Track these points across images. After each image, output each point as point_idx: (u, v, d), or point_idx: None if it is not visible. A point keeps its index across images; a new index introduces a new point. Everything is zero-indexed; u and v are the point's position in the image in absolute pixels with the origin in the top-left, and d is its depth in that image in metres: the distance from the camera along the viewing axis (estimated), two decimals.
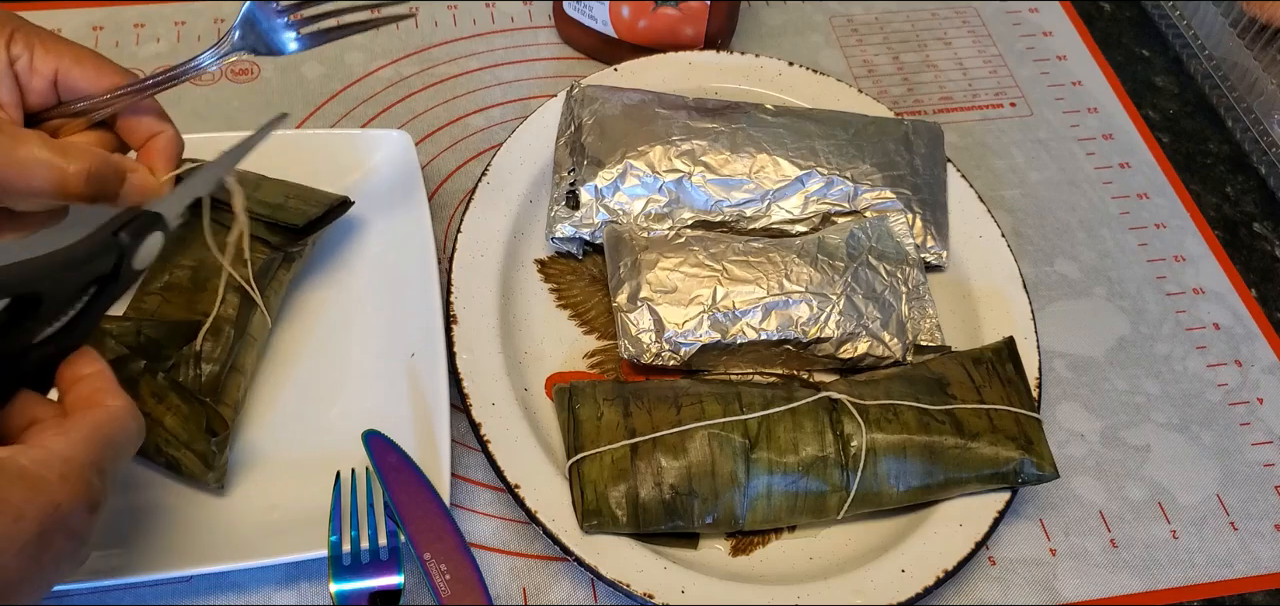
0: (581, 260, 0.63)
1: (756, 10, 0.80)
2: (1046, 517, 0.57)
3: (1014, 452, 0.54)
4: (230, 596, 0.51)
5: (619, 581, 0.49)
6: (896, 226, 0.62)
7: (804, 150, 0.64)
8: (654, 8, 0.71)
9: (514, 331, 0.59)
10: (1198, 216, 0.72)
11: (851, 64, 0.78)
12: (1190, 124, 0.78)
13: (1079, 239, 0.70)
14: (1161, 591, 0.55)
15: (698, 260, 0.59)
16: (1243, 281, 0.69)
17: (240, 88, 0.71)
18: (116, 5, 0.75)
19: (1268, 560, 0.57)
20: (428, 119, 0.71)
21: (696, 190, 0.62)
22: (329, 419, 0.55)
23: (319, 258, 0.61)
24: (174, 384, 0.51)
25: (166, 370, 0.52)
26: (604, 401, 0.54)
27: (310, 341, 0.58)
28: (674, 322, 0.58)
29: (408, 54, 0.74)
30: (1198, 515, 0.58)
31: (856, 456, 0.53)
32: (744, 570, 0.53)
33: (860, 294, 0.59)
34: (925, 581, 0.51)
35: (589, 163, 0.62)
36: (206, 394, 0.52)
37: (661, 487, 0.51)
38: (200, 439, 0.50)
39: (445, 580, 0.48)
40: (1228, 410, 0.62)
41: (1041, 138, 0.75)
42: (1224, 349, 0.65)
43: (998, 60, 0.80)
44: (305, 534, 0.50)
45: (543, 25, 0.77)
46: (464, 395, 0.54)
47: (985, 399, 0.55)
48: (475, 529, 0.54)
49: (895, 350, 0.59)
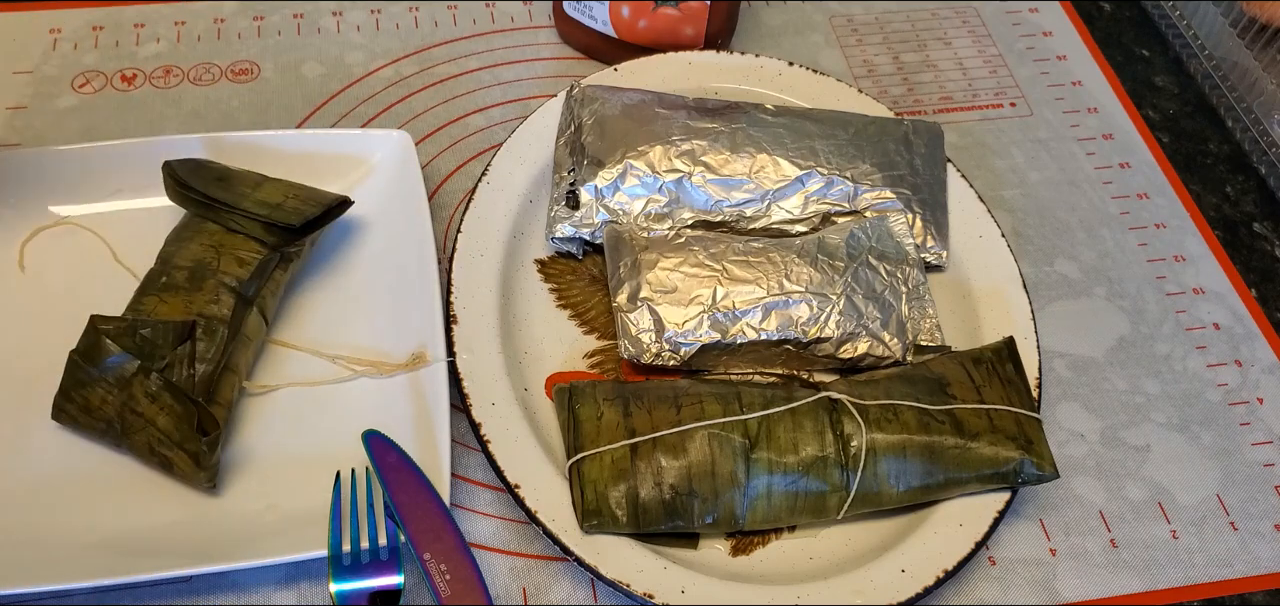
0: (581, 260, 0.63)
1: (756, 10, 0.80)
2: (1046, 517, 0.57)
3: (1014, 452, 0.54)
4: (230, 596, 0.51)
5: (619, 581, 0.49)
6: (896, 226, 0.62)
7: (804, 150, 0.64)
8: (654, 8, 0.71)
9: (514, 331, 0.59)
10: (1198, 216, 0.72)
11: (851, 64, 0.78)
12: (1190, 124, 0.78)
13: (1079, 239, 0.70)
14: (1161, 591, 0.55)
15: (698, 260, 0.59)
16: (1243, 281, 0.69)
17: (240, 87, 0.71)
18: (116, 5, 0.75)
19: (1268, 560, 0.57)
20: (428, 119, 0.71)
21: (696, 190, 0.62)
22: (329, 419, 0.55)
23: (319, 258, 0.61)
24: (168, 384, 0.51)
25: (160, 370, 0.52)
26: (604, 401, 0.54)
27: (310, 341, 0.58)
28: (674, 322, 0.58)
29: (408, 54, 0.74)
30: (1198, 515, 0.58)
31: (856, 456, 0.53)
32: (744, 570, 0.53)
33: (860, 294, 0.59)
34: (925, 581, 0.51)
35: (589, 163, 0.62)
36: (199, 394, 0.52)
37: (661, 487, 0.51)
38: (192, 439, 0.50)
39: (445, 580, 0.48)
40: (1228, 410, 0.62)
41: (1041, 138, 0.75)
42: (1224, 349, 0.65)
43: (998, 60, 0.80)
44: (305, 534, 0.50)
45: (543, 25, 0.77)
46: (464, 395, 0.54)
47: (985, 399, 0.55)
48: (475, 529, 0.54)
49: (895, 350, 0.59)
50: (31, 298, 0.58)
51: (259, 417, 0.55)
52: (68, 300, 0.57)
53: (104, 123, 0.68)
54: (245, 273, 0.55)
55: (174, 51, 0.73)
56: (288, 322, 0.59)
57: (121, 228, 0.61)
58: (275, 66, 0.73)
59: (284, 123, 0.70)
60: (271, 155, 0.63)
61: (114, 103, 0.69)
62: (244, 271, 0.55)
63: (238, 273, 0.55)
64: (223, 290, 0.54)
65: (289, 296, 0.60)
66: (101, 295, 0.57)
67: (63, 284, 0.59)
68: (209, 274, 0.55)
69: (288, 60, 0.73)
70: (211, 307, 0.54)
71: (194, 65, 0.72)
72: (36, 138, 0.67)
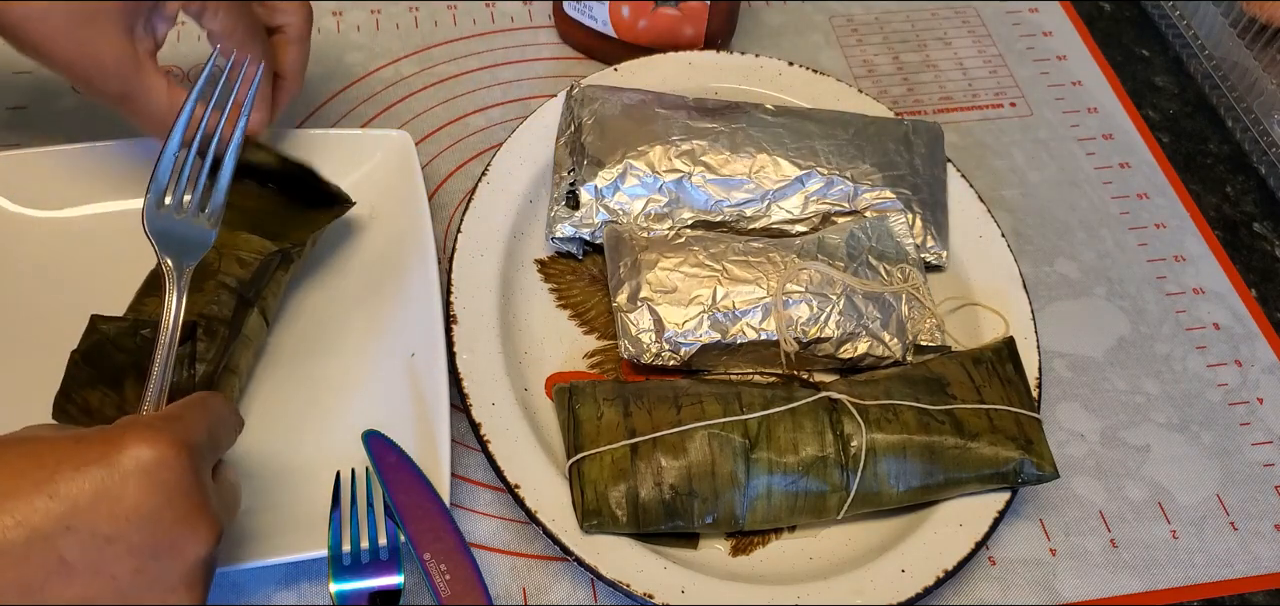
0: (581, 260, 0.63)
1: (756, 10, 0.80)
2: (1046, 517, 0.57)
3: (1014, 452, 0.54)
4: (230, 596, 0.51)
5: (619, 581, 0.50)
6: (896, 226, 0.62)
7: (804, 150, 0.64)
8: (654, 8, 0.71)
9: (514, 331, 0.59)
10: (1198, 216, 0.72)
11: (851, 64, 0.78)
12: (1190, 124, 0.78)
13: (1079, 239, 0.70)
14: (1161, 591, 0.55)
15: (698, 260, 0.59)
16: (1243, 281, 0.69)
17: None
18: None
19: (1268, 560, 0.57)
20: (428, 119, 0.71)
21: (696, 190, 0.62)
22: (329, 419, 0.55)
23: (319, 257, 0.61)
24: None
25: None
26: (604, 401, 0.54)
27: (310, 341, 0.58)
28: (674, 322, 0.58)
29: (408, 54, 0.74)
30: (1198, 515, 0.58)
31: (856, 456, 0.53)
32: (744, 570, 0.53)
33: (860, 294, 0.59)
34: (925, 581, 0.51)
35: (589, 163, 0.62)
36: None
37: (661, 487, 0.51)
38: None
39: (445, 580, 0.48)
40: (1228, 410, 0.62)
41: (1041, 138, 0.75)
42: (1224, 349, 0.65)
43: (998, 60, 0.80)
44: (305, 534, 0.50)
45: (543, 25, 0.77)
46: (464, 395, 0.54)
47: (985, 399, 0.55)
48: (475, 529, 0.54)
49: (895, 350, 0.59)
50: (32, 297, 0.58)
51: (259, 417, 0.55)
52: (68, 300, 0.57)
53: (104, 123, 0.68)
54: (246, 273, 0.55)
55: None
56: (288, 322, 0.59)
57: (122, 227, 0.61)
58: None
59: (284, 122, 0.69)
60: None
61: None
62: (245, 272, 0.55)
63: (238, 273, 0.55)
64: (223, 291, 0.54)
65: (289, 296, 0.60)
66: (102, 295, 0.57)
67: (63, 283, 0.59)
68: (210, 275, 0.55)
69: None
70: (212, 308, 0.54)
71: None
72: (36, 138, 0.67)
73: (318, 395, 0.56)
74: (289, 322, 0.59)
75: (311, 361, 0.58)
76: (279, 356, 0.58)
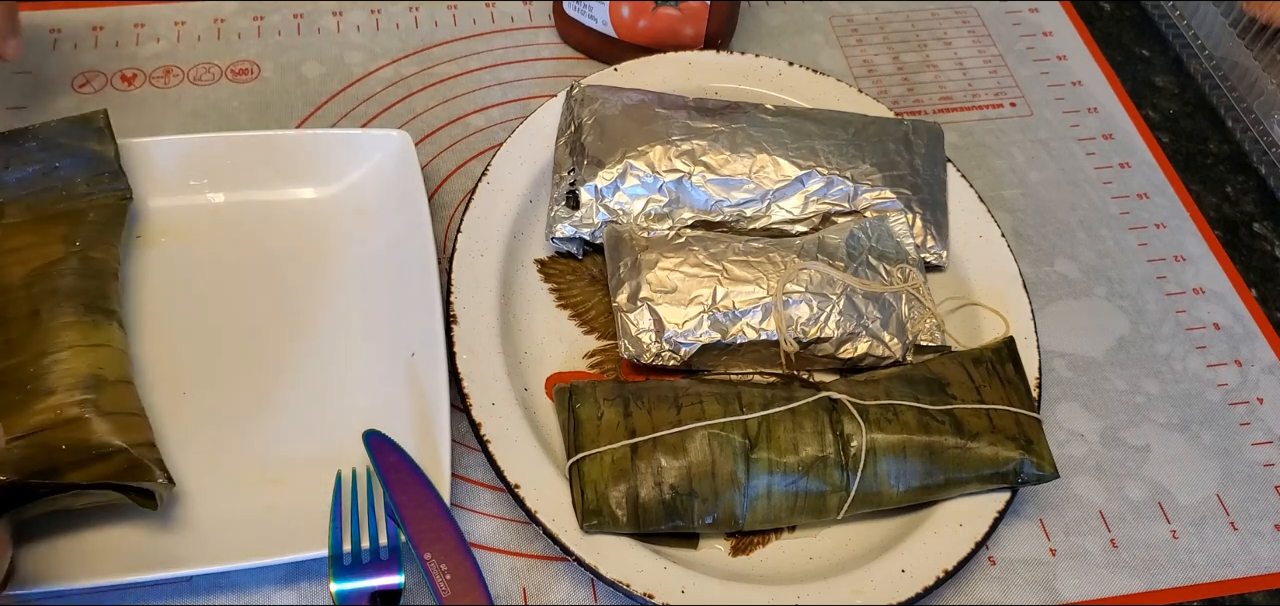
0: (581, 260, 0.63)
1: (756, 10, 0.80)
2: (1046, 517, 0.57)
3: (1014, 452, 0.54)
4: (230, 596, 0.51)
5: (619, 581, 0.50)
6: (896, 226, 0.62)
7: (804, 150, 0.64)
8: (654, 8, 0.71)
9: (514, 331, 0.59)
10: (1198, 216, 0.72)
11: (851, 64, 0.78)
12: (1190, 124, 0.78)
13: (1079, 239, 0.70)
14: (1161, 591, 0.55)
15: (698, 260, 0.59)
16: (1243, 281, 0.69)
17: (240, 87, 0.71)
18: (116, 5, 0.75)
19: (1268, 560, 0.57)
20: (428, 119, 0.71)
21: (696, 190, 0.62)
22: (329, 419, 0.55)
23: (319, 257, 0.61)
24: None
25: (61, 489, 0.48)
26: (604, 401, 0.54)
27: (310, 341, 0.58)
28: (674, 322, 0.58)
29: (408, 54, 0.74)
30: (1198, 515, 0.58)
31: (856, 456, 0.53)
32: (744, 570, 0.53)
33: (860, 294, 0.59)
34: (925, 581, 0.51)
35: (589, 163, 0.62)
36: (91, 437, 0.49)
37: (661, 487, 0.51)
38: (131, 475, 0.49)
39: (445, 580, 0.48)
40: (1228, 410, 0.62)
41: (1041, 138, 0.75)
42: (1224, 349, 0.65)
43: (998, 60, 0.80)
44: (305, 534, 0.50)
45: (543, 25, 0.78)
46: (464, 395, 0.54)
47: (985, 399, 0.55)
48: (475, 529, 0.54)
49: (895, 350, 0.59)
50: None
51: (259, 417, 0.55)
52: None
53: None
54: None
55: (174, 51, 0.73)
56: (288, 322, 0.59)
57: None
58: (275, 66, 0.73)
59: (284, 123, 0.70)
60: (270, 156, 0.63)
61: (114, 103, 0.69)
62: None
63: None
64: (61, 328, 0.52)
65: (289, 296, 0.60)
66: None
67: None
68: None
69: (288, 60, 0.73)
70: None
71: (194, 65, 0.72)
72: None
73: (318, 395, 0.56)
74: (290, 322, 0.59)
75: (312, 361, 0.58)
76: (279, 356, 0.58)
